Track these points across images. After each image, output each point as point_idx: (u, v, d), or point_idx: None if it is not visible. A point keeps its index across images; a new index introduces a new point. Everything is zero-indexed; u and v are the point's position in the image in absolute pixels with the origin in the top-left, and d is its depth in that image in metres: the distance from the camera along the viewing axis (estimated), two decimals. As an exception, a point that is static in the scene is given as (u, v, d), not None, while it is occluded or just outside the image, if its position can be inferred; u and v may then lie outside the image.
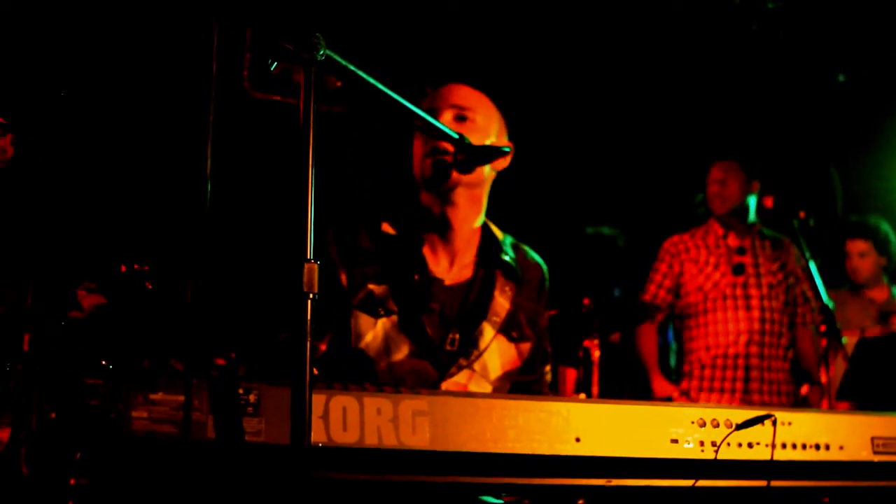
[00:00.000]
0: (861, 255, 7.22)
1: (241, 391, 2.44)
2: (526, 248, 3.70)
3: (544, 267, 3.70)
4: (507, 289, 3.54)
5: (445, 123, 3.37)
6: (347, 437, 2.50)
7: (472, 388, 3.40)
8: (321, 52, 2.46)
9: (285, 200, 2.45)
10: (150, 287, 4.28)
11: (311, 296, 2.32)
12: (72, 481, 2.36)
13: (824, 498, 3.09)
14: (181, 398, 2.35)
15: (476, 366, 3.44)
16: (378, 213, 3.56)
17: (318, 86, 2.46)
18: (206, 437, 2.39)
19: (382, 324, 3.37)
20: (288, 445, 2.27)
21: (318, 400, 2.46)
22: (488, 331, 3.48)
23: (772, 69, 7.96)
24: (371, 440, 2.52)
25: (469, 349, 3.44)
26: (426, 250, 3.49)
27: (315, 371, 3.25)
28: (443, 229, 3.49)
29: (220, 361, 3.66)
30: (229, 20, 2.46)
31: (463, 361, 3.42)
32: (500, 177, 3.62)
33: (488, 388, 3.45)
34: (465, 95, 3.51)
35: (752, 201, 6.53)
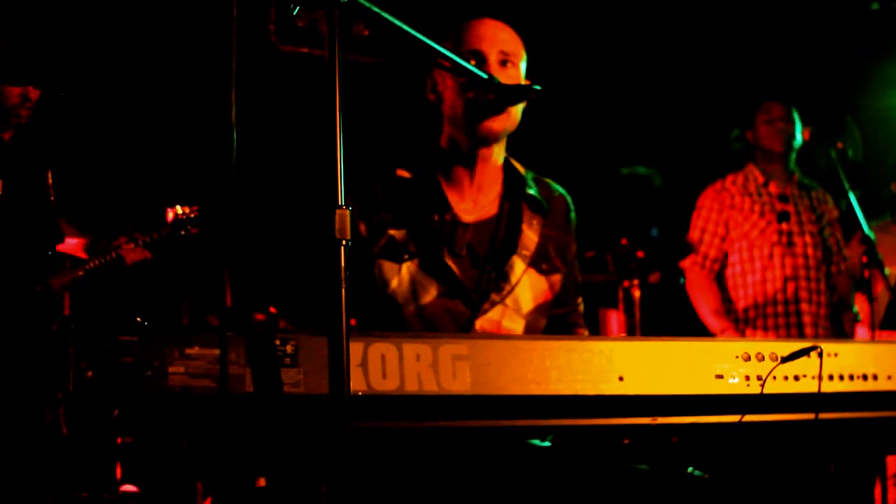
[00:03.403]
0: None
1: (277, 342, 2.41)
2: (549, 181, 3.68)
3: (568, 198, 3.69)
4: (534, 221, 3.53)
5: (490, 66, 3.40)
6: (387, 385, 2.47)
7: (506, 323, 3.39)
8: (344, -6, 2.42)
9: (315, 149, 2.43)
10: (195, 231, 4.27)
11: (343, 242, 2.30)
12: (118, 440, 2.35)
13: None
14: (217, 352, 2.33)
15: (508, 301, 3.42)
16: (391, 161, 3.54)
17: (343, 30, 2.41)
18: (245, 391, 2.37)
19: (407, 267, 3.36)
20: (327, 395, 2.25)
21: (355, 348, 2.43)
22: (519, 265, 3.46)
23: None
24: (411, 387, 2.49)
25: (501, 284, 3.43)
26: (448, 188, 3.47)
27: (353, 321, 3.24)
28: (470, 164, 3.47)
29: (260, 316, 3.66)
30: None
31: (495, 297, 3.40)
32: (536, 119, 3.59)
33: (521, 323, 3.44)
34: (509, 41, 3.48)
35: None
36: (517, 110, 3.44)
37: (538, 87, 3.36)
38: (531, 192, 3.55)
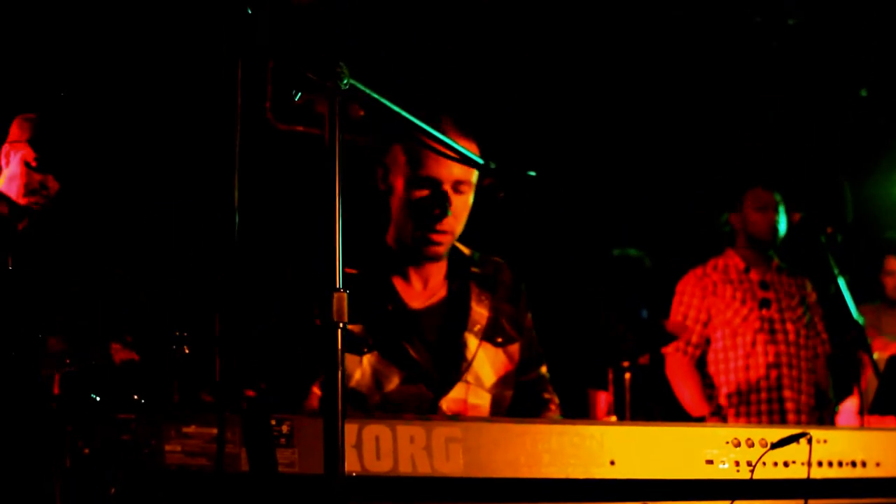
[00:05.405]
0: None
1: (273, 422, 2.43)
2: (496, 258, 3.70)
3: (516, 271, 3.70)
4: (483, 297, 3.56)
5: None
6: (381, 466, 2.49)
7: (472, 399, 3.41)
8: (345, 81, 2.46)
9: (313, 230, 2.46)
10: (188, 352, 4.28)
11: (341, 325, 2.33)
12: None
13: None
14: (214, 431, 2.35)
15: (469, 377, 3.44)
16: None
17: (342, 115, 2.46)
18: (240, 470, 2.38)
19: (368, 359, 3.36)
20: (322, 475, 2.26)
21: (350, 429, 2.46)
22: (472, 341, 3.49)
23: (793, 86, 7.94)
24: (405, 468, 2.51)
25: (458, 363, 3.45)
26: (397, 280, 3.50)
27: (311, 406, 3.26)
28: (417, 261, 3.50)
29: (251, 393, 3.67)
30: (253, 53, 2.47)
31: (455, 376, 3.43)
32: (527, 200, 3.61)
33: (487, 397, 3.45)
34: (460, 166, 3.39)
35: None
36: (461, 220, 3.47)
37: (533, 173, 3.39)
38: (476, 269, 3.59)
